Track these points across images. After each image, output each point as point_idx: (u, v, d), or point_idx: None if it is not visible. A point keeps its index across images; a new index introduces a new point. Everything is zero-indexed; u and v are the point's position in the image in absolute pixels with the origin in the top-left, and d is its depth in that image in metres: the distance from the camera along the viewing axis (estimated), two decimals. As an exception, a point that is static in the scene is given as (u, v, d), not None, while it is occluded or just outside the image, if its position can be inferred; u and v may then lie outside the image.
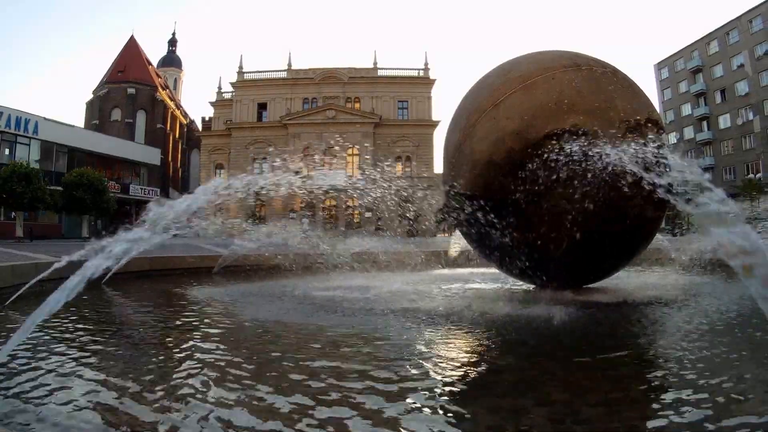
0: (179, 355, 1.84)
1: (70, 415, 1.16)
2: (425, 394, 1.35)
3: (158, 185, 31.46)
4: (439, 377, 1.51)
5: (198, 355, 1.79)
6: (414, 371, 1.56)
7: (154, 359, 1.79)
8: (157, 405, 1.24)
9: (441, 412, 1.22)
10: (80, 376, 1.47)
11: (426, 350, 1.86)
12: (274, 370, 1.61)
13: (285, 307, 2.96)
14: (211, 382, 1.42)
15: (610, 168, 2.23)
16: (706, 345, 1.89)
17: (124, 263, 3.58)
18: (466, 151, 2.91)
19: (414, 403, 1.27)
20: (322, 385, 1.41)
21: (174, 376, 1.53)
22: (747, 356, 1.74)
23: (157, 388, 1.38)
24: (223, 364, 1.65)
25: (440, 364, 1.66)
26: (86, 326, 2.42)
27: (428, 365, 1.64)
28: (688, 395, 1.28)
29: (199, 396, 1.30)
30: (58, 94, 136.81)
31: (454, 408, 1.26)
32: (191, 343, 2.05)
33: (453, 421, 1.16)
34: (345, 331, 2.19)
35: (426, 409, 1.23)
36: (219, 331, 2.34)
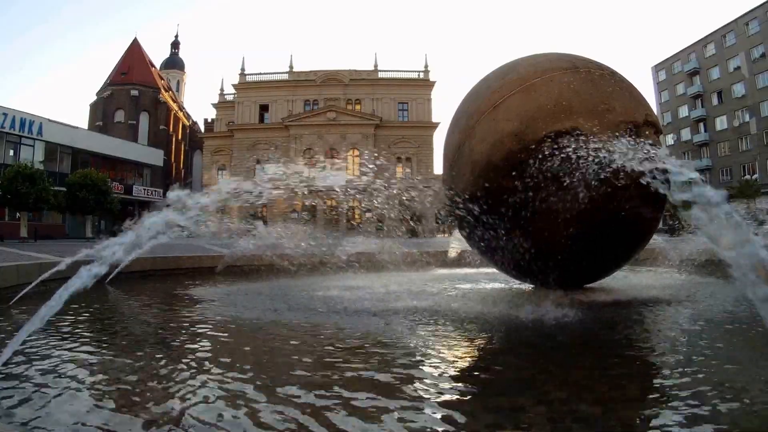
0: (181, 354, 1.86)
1: (71, 415, 1.17)
2: (424, 392, 1.36)
3: (161, 186, 31.60)
4: (437, 375, 1.52)
5: (200, 354, 1.81)
6: (413, 369, 1.58)
7: (156, 358, 1.82)
8: (159, 404, 1.26)
9: (440, 410, 1.23)
10: (82, 376, 1.49)
11: (425, 349, 1.87)
12: (275, 368, 1.63)
13: (286, 306, 2.98)
14: (213, 382, 1.45)
15: (607, 168, 2.25)
16: (705, 343, 1.90)
17: (128, 263, 3.63)
18: (466, 153, 2.93)
19: (413, 401, 1.29)
20: (322, 382, 1.44)
21: (176, 375, 1.55)
22: (746, 354, 1.75)
23: (160, 388, 1.40)
24: (225, 362, 1.68)
25: (439, 363, 1.67)
26: (89, 326, 2.45)
27: (427, 364, 1.66)
28: (687, 394, 1.29)
29: (200, 396, 1.32)
30: (62, 95, 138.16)
31: (454, 406, 1.27)
32: (193, 341, 2.07)
33: (452, 419, 1.17)
34: (346, 331, 2.20)
35: (425, 407, 1.24)
36: (220, 329, 2.36)
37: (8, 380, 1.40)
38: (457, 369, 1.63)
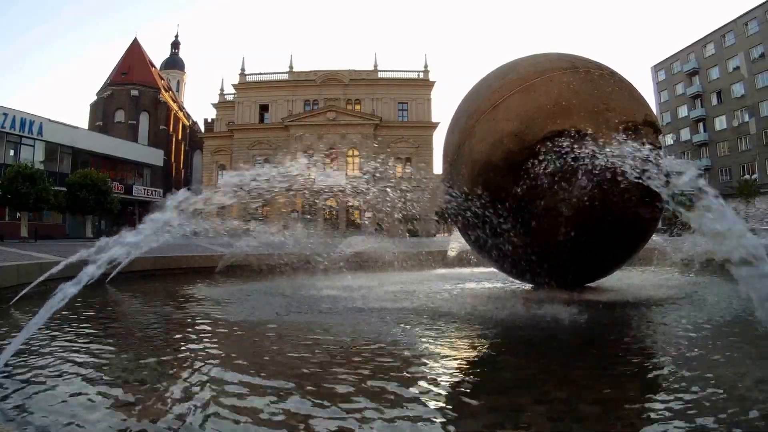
0: (182, 353, 1.87)
1: (72, 413, 1.18)
2: (423, 391, 1.36)
3: (161, 186, 31.66)
4: (437, 375, 1.52)
5: (201, 353, 1.82)
6: (412, 368, 1.59)
7: (157, 357, 1.82)
8: (159, 403, 1.27)
9: (440, 409, 1.23)
10: (83, 375, 1.49)
11: (424, 348, 1.88)
12: (274, 366, 1.63)
13: (286, 305, 2.98)
14: (213, 380, 1.45)
15: (606, 168, 2.25)
16: (704, 343, 1.90)
17: (128, 262, 3.62)
18: (465, 152, 2.94)
19: (412, 400, 1.29)
20: (322, 383, 1.44)
21: (176, 373, 1.56)
22: (744, 354, 1.75)
23: (160, 387, 1.41)
24: (225, 360, 1.68)
25: (439, 362, 1.67)
26: (90, 325, 2.45)
27: (426, 363, 1.66)
28: (686, 393, 1.29)
29: (201, 394, 1.33)
30: (62, 95, 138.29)
31: (453, 405, 1.27)
32: (194, 341, 2.07)
33: (452, 418, 1.18)
34: (344, 331, 2.20)
35: (425, 407, 1.25)
36: (221, 328, 2.37)
37: (8, 381, 1.40)
38: (457, 368, 1.63)
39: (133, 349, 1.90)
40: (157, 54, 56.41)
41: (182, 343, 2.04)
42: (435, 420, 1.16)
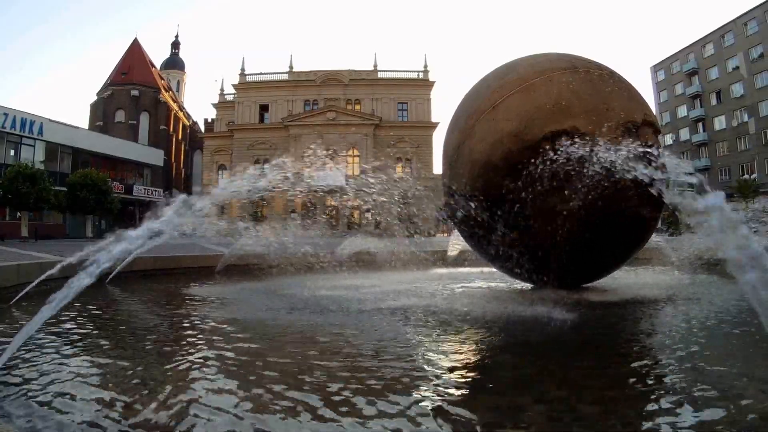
0: (181, 352, 1.87)
1: (72, 412, 1.18)
2: (422, 391, 1.37)
3: (162, 186, 31.69)
4: (437, 375, 1.53)
5: (201, 352, 1.82)
6: (412, 369, 1.59)
7: (156, 357, 1.82)
8: (159, 403, 1.27)
9: (438, 409, 1.24)
10: (84, 375, 1.50)
11: (423, 348, 1.88)
12: (275, 365, 1.64)
13: (285, 305, 2.98)
14: (214, 379, 1.46)
15: (606, 169, 2.26)
16: (703, 342, 1.90)
17: (128, 262, 3.63)
18: (465, 152, 2.94)
19: (411, 400, 1.29)
20: (321, 383, 1.44)
21: (176, 372, 1.56)
22: (744, 354, 1.75)
23: (160, 386, 1.41)
24: (225, 359, 1.69)
25: (438, 362, 1.68)
26: (90, 325, 2.45)
27: (426, 362, 1.67)
28: (685, 393, 1.29)
29: (202, 393, 1.33)
30: (62, 95, 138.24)
31: (453, 405, 1.27)
32: (193, 340, 2.08)
33: (451, 418, 1.18)
34: (343, 330, 2.20)
35: (424, 407, 1.25)
36: (221, 328, 2.37)
37: (7, 382, 1.40)
38: (456, 368, 1.63)
39: (131, 350, 1.91)
40: (157, 54, 56.40)
41: (182, 344, 2.04)
42: (435, 419, 1.16)
